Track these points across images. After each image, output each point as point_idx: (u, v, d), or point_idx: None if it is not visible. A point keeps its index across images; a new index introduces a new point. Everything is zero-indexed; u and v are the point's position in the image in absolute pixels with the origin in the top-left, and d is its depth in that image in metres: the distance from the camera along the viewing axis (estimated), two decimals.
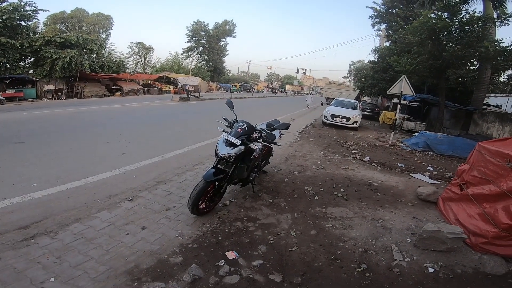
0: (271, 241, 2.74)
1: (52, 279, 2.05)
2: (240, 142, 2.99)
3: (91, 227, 2.76)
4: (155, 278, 2.15)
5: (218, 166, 3.09)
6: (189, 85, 23.98)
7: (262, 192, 3.93)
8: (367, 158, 6.64)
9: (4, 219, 2.82)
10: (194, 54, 48.32)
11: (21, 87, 17.32)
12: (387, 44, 22.15)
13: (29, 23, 19.73)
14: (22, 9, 18.00)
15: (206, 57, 48.68)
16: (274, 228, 2.99)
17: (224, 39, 50.44)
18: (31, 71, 19.86)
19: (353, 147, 8.01)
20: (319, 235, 2.94)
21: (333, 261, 2.53)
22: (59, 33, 24.53)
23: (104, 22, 39.38)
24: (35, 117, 9.62)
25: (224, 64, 53.57)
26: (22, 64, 19.81)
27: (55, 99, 17.82)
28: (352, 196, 4.11)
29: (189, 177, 4.31)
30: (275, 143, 3.74)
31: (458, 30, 10.00)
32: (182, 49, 49.09)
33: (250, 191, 3.87)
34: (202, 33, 48.07)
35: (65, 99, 18.30)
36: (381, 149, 8.27)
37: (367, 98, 29.74)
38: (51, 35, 20.02)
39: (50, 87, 18.40)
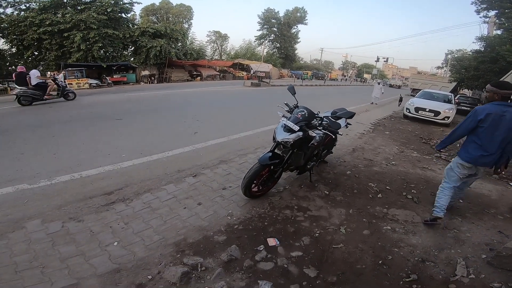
0: (317, 235, 2.61)
1: (115, 243, 2.30)
2: (299, 128, 2.88)
3: (158, 198, 3.03)
4: (196, 252, 2.27)
5: (275, 151, 3.08)
6: (261, 72, 24.43)
7: (319, 182, 3.76)
8: None
9: (96, 184, 3.30)
10: (266, 41, 48.94)
11: (124, 72, 21.05)
12: (498, 32, 18.08)
13: (128, 15, 22.84)
14: (121, 2, 20.77)
15: (278, 45, 48.87)
16: (323, 222, 2.84)
17: (295, 27, 49.68)
18: (132, 59, 23.42)
19: None
20: (372, 236, 2.66)
21: (380, 266, 2.27)
22: (151, 24, 28.04)
23: (186, 12, 43.22)
24: (133, 98, 11.50)
25: (296, 52, 52.84)
26: (126, 52, 23.42)
27: (149, 83, 20.95)
28: (425, 199, 3.54)
29: (250, 159, 4.38)
30: (337, 132, 3.49)
31: None
32: (255, 36, 50.57)
33: (307, 179, 3.74)
34: (273, 20, 48.22)
35: (157, 83, 21.41)
36: None
37: (466, 92, 24.99)
38: (145, 26, 23.04)
39: (146, 72, 21.72)
